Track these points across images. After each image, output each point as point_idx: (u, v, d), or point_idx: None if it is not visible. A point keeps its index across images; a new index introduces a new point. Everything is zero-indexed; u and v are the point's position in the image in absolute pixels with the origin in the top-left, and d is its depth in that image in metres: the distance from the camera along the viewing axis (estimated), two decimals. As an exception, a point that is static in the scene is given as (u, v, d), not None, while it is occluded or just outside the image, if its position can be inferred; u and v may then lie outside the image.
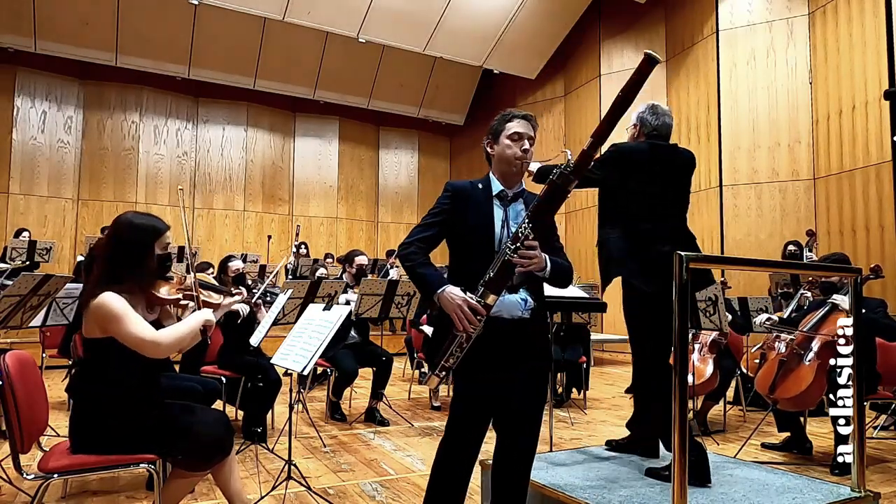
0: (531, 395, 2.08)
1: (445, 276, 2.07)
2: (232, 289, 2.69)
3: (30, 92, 10.14)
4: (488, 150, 2.17)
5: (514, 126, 2.11)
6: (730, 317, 4.85)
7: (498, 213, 2.10)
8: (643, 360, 2.79)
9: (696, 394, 4.66)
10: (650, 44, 9.46)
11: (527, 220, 1.94)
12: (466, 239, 2.10)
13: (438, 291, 1.96)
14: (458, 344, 1.95)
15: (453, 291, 1.95)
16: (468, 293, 1.95)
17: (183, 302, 2.45)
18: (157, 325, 2.35)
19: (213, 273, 5.32)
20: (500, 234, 2.07)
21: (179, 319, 2.43)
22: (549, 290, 3.38)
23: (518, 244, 1.92)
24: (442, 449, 2.11)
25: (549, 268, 1.99)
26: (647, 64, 1.88)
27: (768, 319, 4.17)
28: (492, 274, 1.93)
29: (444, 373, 1.98)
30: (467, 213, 2.09)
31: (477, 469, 2.15)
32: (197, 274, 2.56)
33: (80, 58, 10.07)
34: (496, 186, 2.14)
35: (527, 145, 2.10)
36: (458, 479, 2.09)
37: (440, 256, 2.16)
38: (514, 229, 2.06)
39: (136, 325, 2.17)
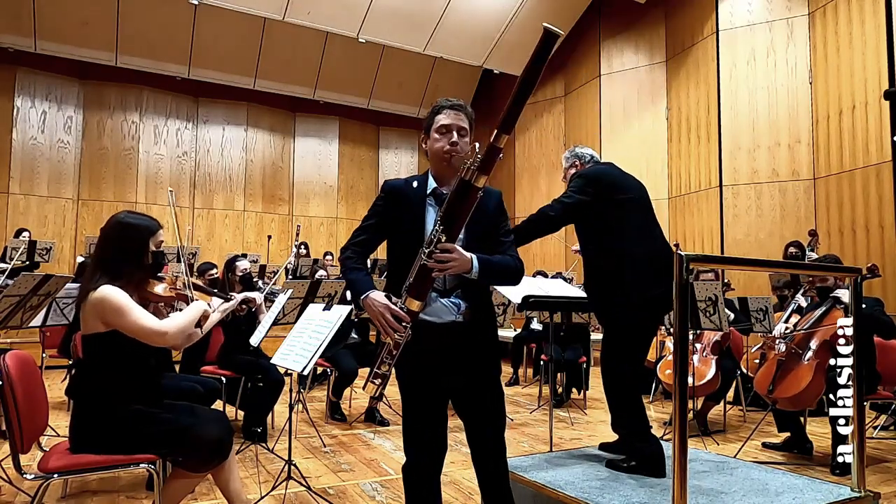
0: (476, 401, 2.02)
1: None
2: (228, 294, 2.70)
3: (30, 92, 10.13)
4: (423, 146, 2.10)
5: (442, 118, 2.04)
6: (731, 315, 4.84)
7: (431, 213, 2.01)
8: (616, 378, 2.82)
9: (696, 395, 4.66)
10: (650, 44, 9.46)
11: (439, 223, 1.86)
12: (398, 241, 2.04)
13: (362, 297, 1.91)
14: (387, 351, 1.89)
15: (376, 298, 1.88)
16: (393, 298, 1.89)
17: (179, 303, 2.49)
18: None
19: (216, 273, 5.31)
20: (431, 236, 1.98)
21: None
22: (552, 291, 3.38)
23: (431, 248, 1.84)
24: (406, 467, 2.05)
25: (475, 269, 1.88)
26: (546, 38, 1.72)
27: (786, 328, 4.17)
28: (411, 280, 1.87)
29: (379, 380, 1.93)
30: (399, 215, 2.03)
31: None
32: (192, 278, 2.59)
33: (80, 58, 10.06)
34: (430, 184, 2.06)
35: (454, 137, 2.00)
36: (431, 494, 2.04)
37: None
38: None
39: (141, 315, 2.20)
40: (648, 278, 2.70)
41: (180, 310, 2.46)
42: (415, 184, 2.08)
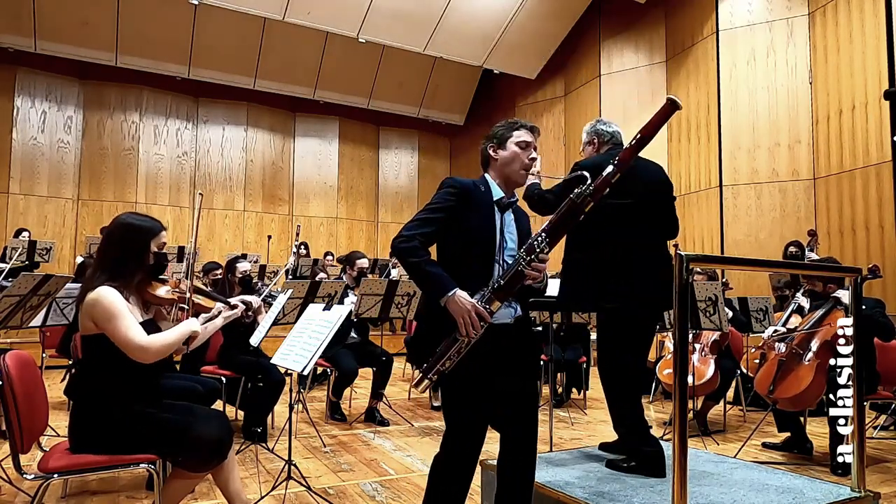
0: (526, 404, 2.11)
1: None
2: (230, 299, 2.69)
3: (30, 92, 10.14)
4: (491, 153, 2.17)
5: (523, 135, 2.14)
6: (730, 313, 4.84)
7: (497, 219, 2.11)
8: (617, 370, 2.78)
9: (696, 395, 4.66)
10: (650, 44, 9.46)
11: (544, 235, 1.97)
12: (467, 241, 2.07)
13: (449, 294, 1.93)
14: (457, 349, 1.93)
15: (463, 296, 1.93)
16: (474, 298, 1.95)
17: (180, 305, 2.48)
18: (152, 325, 2.36)
19: (220, 273, 5.31)
20: (498, 241, 2.09)
21: (178, 321, 2.46)
22: (550, 290, 3.37)
23: (532, 256, 1.94)
24: (444, 462, 2.06)
25: (546, 280, 2.07)
26: (669, 108, 1.99)
27: (775, 331, 4.18)
28: (502, 282, 1.95)
29: (436, 377, 1.95)
30: (471, 215, 2.07)
31: (477, 469, 2.15)
32: (197, 274, 2.58)
33: (80, 58, 10.06)
34: (496, 192, 2.14)
35: (534, 154, 2.15)
36: (462, 490, 2.07)
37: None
38: (507, 238, 2.11)
39: (129, 327, 2.18)
40: (651, 274, 2.67)
41: (186, 314, 2.46)
42: (482, 188, 2.15)
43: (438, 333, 1.97)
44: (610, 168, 2.02)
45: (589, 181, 1.99)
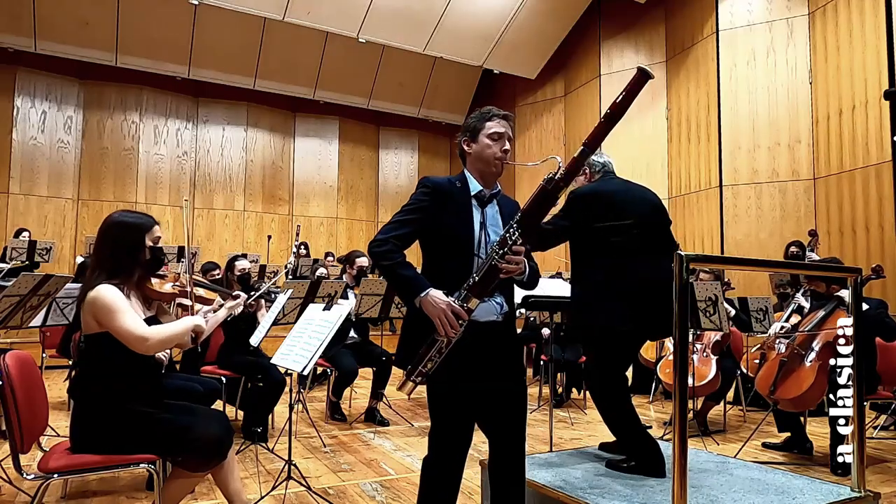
0: (513, 404, 2.07)
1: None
2: (233, 292, 2.70)
3: (30, 92, 10.13)
4: (465, 147, 2.13)
5: (495, 125, 2.08)
6: (732, 311, 4.83)
7: (476, 215, 2.06)
8: (609, 384, 2.80)
9: (697, 395, 4.66)
10: (650, 44, 9.46)
11: (515, 226, 1.90)
12: (444, 240, 2.04)
13: (422, 295, 1.90)
14: (437, 349, 1.90)
15: (437, 295, 1.89)
16: (450, 297, 1.91)
17: (180, 300, 2.48)
18: (154, 321, 2.37)
19: (218, 274, 5.31)
20: (478, 237, 2.04)
21: (179, 317, 2.46)
22: (552, 291, 3.38)
23: (505, 249, 1.89)
24: (432, 463, 2.05)
25: (527, 272, 1.99)
26: (641, 78, 1.87)
27: (781, 328, 4.17)
28: (477, 278, 1.90)
29: (419, 378, 1.93)
30: (446, 213, 2.03)
31: (477, 469, 2.15)
32: (197, 275, 2.58)
33: (80, 58, 10.06)
34: (474, 186, 2.09)
35: (507, 145, 2.08)
36: (452, 490, 2.05)
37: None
38: (490, 231, 2.05)
39: (129, 319, 2.19)
40: (645, 301, 2.64)
41: (189, 309, 2.46)
42: (458, 184, 2.10)
43: (421, 336, 1.94)
44: (581, 148, 1.94)
45: (560, 166, 1.92)
